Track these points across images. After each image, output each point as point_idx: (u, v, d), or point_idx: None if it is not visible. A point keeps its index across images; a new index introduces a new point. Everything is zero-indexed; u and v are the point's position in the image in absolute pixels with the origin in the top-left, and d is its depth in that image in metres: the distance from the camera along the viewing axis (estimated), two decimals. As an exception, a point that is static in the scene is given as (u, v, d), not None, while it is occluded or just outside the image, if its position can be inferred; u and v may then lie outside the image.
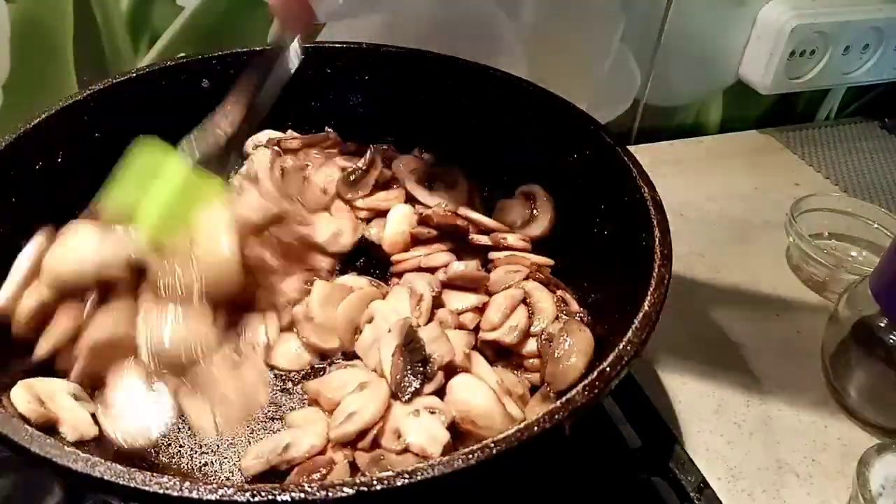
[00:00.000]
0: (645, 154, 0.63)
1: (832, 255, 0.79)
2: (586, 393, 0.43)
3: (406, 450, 0.50)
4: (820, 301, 0.81)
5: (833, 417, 0.68)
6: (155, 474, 0.36)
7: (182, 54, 0.82)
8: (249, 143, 0.76)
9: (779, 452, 0.65)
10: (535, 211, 0.72)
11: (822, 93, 1.16)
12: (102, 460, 0.36)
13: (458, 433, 0.52)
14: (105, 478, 0.36)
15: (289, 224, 0.65)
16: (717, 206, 0.95)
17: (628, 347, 0.47)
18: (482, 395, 0.53)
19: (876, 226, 0.84)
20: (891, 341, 0.63)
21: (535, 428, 0.40)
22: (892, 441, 0.59)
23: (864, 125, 1.16)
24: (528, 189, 0.74)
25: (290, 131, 0.78)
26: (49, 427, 0.50)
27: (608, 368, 0.45)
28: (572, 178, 0.69)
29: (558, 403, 0.42)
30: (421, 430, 0.50)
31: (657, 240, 0.54)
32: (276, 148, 0.74)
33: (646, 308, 0.49)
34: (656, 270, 0.52)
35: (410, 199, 0.74)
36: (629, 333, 0.47)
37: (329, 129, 0.78)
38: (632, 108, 1.06)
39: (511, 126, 0.74)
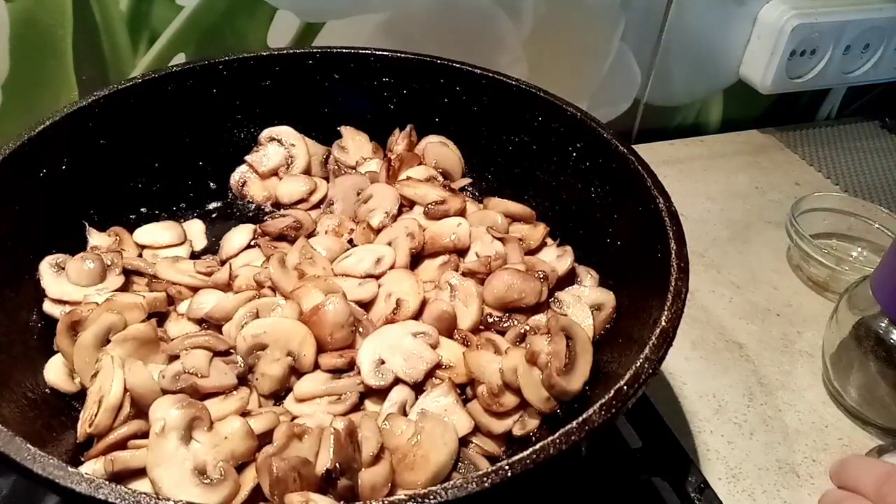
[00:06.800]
0: (645, 154, 0.62)
1: (832, 255, 0.79)
2: (603, 413, 0.41)
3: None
4: (820, 301, 0.81)
5: (833, 417, 0.68)
6: (161, 497, 0.35)
7: (182, 55, 0.82)
8: (264, 135, 0.76)
9: (779, 452, 0.65)
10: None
11: (823, 92, 1.16)
12: (107, 482, 0.36)
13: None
14: (109, 500, 0.35)
15: None
16: (717, 206, 0.95)
17: (646, 365, 0.44)
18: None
19: (876, 226, 0.84)
20: (891, 341, 0.63)
21: (552, 450, 0.39)
22: (892, 441, 0.59)
23: (865, 125, 1.16)
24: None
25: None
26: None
27: (625, 387, 0.43)
28: (584, 186, 0.67)
29: (574, 424, 0.40)
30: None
31: (673, 252, 0.52)
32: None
33: (663, 324, 0.47)
34: (673, 284, 0.50)
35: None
36: (646, 350, 0.45)
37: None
38: (632, 107, 1.06)
39: (521, 133, 0.73)
